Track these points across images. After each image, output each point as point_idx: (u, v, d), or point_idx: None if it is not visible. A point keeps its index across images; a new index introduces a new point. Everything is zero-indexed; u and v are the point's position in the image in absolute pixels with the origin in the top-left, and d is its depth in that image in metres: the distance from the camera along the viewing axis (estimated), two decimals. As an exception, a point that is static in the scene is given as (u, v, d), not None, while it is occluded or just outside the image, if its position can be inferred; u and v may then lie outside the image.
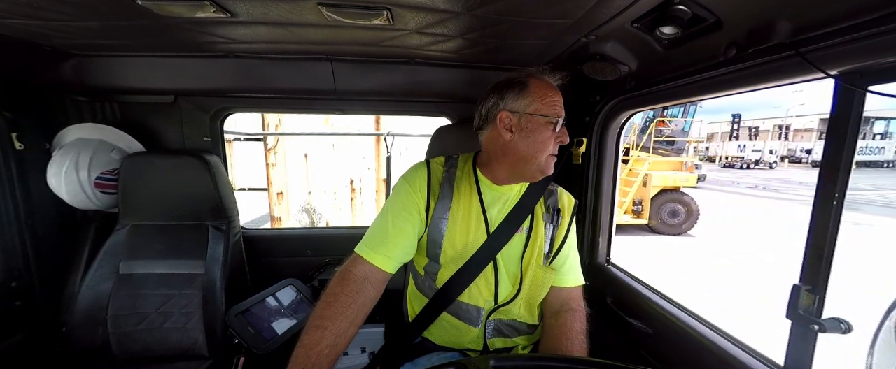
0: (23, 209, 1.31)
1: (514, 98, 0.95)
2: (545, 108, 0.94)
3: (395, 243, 0.97)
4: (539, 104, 0.94)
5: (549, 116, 0.93)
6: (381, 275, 0.95)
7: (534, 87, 0.95)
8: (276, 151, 4.51)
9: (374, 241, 0.97)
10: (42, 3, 0.85)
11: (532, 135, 0.94)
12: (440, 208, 1.00)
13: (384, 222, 0.99)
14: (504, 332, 1.05)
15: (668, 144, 8.74)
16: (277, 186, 4.61)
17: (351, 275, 0.92)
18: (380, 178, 4.70)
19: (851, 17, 0.63)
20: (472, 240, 1.00)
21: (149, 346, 1.30)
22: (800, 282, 0.79)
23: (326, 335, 0.81)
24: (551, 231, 1.05)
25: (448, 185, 1.02)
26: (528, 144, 0.94)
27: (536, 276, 1.02)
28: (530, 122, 0.94)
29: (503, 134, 0.95)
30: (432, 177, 1.03)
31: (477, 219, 1.01)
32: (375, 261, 0.94)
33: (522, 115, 0.94)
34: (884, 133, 30.06)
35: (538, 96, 0.94)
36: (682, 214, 7.17)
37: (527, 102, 0.94)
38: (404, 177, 1.05)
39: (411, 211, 1.00)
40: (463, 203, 1.01)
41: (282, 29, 1.03)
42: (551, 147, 0.95)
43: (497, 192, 1.03)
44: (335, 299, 0.87)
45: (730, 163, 32.13)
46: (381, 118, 4.48)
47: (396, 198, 1.02)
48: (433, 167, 1.05)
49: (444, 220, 1.00)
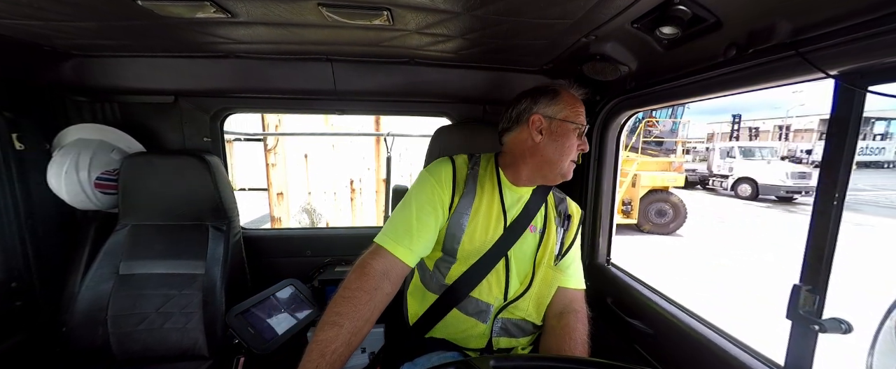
0: (23, 209, 1.31)
1: (547, 103, 1.01)
2: (574, 116, 1.00)
3: (419, 236, 0.95)
4: (569, 111, 1.00)
5: (578, 124, 1.00)
6: (402, 269, 0.93)
7: (565, 95, 1.02)
8: (275, 152, 4.51)
9: (398, 233, 0.94)
10: (43, 3, 0.85)
11: (560, 139, 0.99)
12: (463, 203, 1.02)
13: (408, 214, 0.97)
14: (510, 332, 1.05)
15: (657, 145, 8.77)
16: (277, 187, 4.62)
17: (371, 268, 0.88)
18: (380, 179, 4.70)
19: (851, 17, 0.63)
20: (490, 237, 1.02)
21: (149, 346, 1.30)
22: (800, 283, 0.79)
23: (342, 333, 0.78)
24: (562, 234, 1.10)
25: (472, 182, 1.04)
26: (555, 148, 1.00)
27: (547, 276, 1.06)
28: (560, 128, 1.00)
29: (534, 135, 1.00)
30: (457, 172, 1.04)
31: (497, 218, 1.03)
32: (398, 253, 0.92)
33: (553, 120, 1.00)
34: (884, 133, 30.07)
35: (568, 104, 1.01)
36: (670, 214, 7.27)
37: (558, 109, 1.00)
38: (429, 170, 1.05)
39: (436, 204, 0.99)
40: (485, 200, 1.03)
41: (282, 29, 1.03)
42: (574, 153, 1.01)
43: (516, 193, 1.07)
44: (353, 294, 0.83)
45: None
46: (380, 118, 4.48)
47: (421, 190, 1.01)
48: (458, 163, 1.06)
49: (465, 216, 1.01)
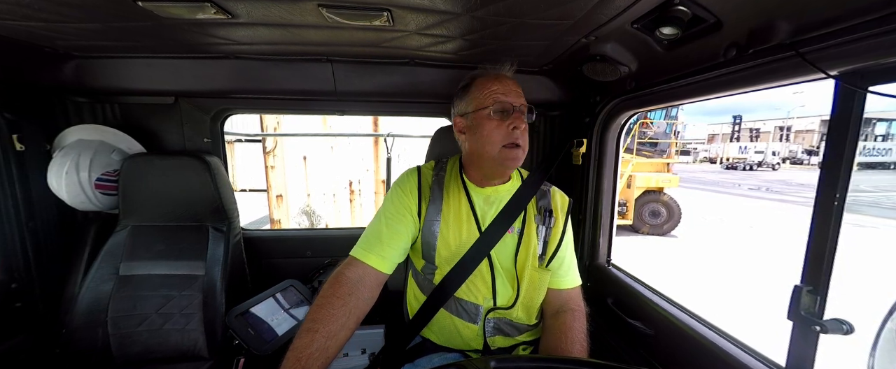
0: (23, 210, 1.31)
1: (460, 101, 1.01)
2: (486, 101, 0.94)
3: (390, 244, 0.99)
4: (479, 99, 0.96)
5: (488, 106, 0.94)
6: (376, 275, 0.96)
7: (475, 85, 0.99)
8: (274, 154, 4.52)
9: (368, 243, 0.99)
10: (43, 5, 0.85)
11: (478, 131, 0.96)
12: (432, 210, 1.02)
13: (378, 225, 1.01)
14: (504, 330, 1.05)
15: (651, 146, 8.79)
16: (277, 189, 4.62)
17: (343, 277, 0.93)
18: (379, 180, 4.70)
19: (851, 18, 0.63)
20: (465, 240, 1.01)
21: (149, 348, 1.30)
22: (801, 283, 0.79)
23: (317, 338, 0.81)
24: (544, 233, 1.05)
25: (438, 188, 1.04)
26: (475, 141, 0.97)
27: (533, 279, 1.03)
28: (475, 119, 0.96)
29: (459, 138, 1.02)
30: (422, 181, 1.06)
31: (468, 219, 1.02)
32: (370, 261, 0.96)
33: (468, 115, 0.98)
34: (884, 134, 30.09)
35: (477, 92, 0.97)
36: (664, 215, 7.29)
37: (468, 101, 0.98)
38: (396, 183, 1.08)
39: (403, 212, 1.02)
40: (453, 205, 1.03)
41: (282, 30, 1.03)
42: (501, 137, 0.93)
43: (483, 193, 1.05)
44: (326, 301, 0.87)
45: (732, 164, 32.20)
46: (378, 119, 4.49)
47: (389, 202, 1.05)
48: (423, 172, 1.09)
49: (436, 223, 1.01)
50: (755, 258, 6.01)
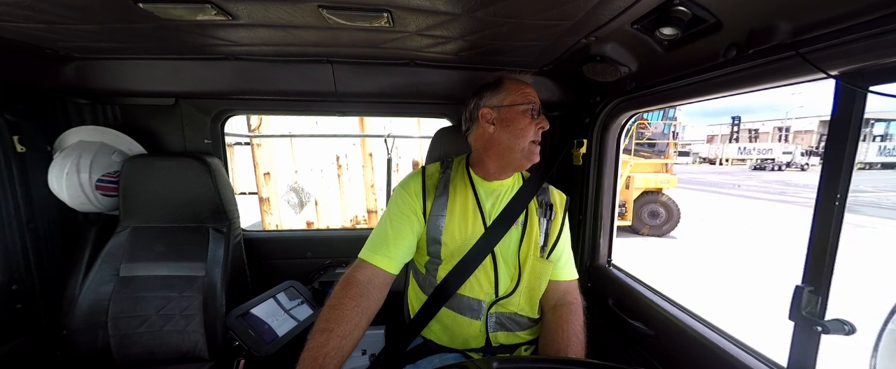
0: (24, 211, 1.31)
1: (491, 95, 1.06)
2: (520, 99, 1.03)
3: (396, 244, 1.02)
4: (514, 96, 1.03)
5: (525, 104, 1.02)
6: (385, 276, 0.99)
7: (507, 82, 1.06)
8: (259, 131, 4.52)
9: (375, 245, 1.02)
10: (44, 6, 0.85)
11: (512, 124, 1.02)
12: (437, 206, 1.05)
13: (384, 227, 1.05)
14: (506, 326, 1.06)
15: (649, 146, 8.79)
16: (264, 167, 4.60)
17: (354, 279, 0.96)
18: (366, 153, 4.68)
19: (851, 18, 0.63)
20: (471, 234, 1.04)
21: (149, 349, 1.30)
22: (802, 283, 0.79)
23: (332, 337, 0.84)
24: (545, 225, 1.10)
25: (443, 186, 1.08)
26: (509, 133, 1.02)
27: (534, 268, 1.06)
28: (509, 113, 1.03)
29: (487, 128, 1.05)
30: (427, 180, 1.09)
31: (474, 214, 1.05)
32: (378, 262, 0.99)
33: (500, 109, 1.04)
34: (885, 134, 30.05)
35: (512, 90, 1.04)
36: (663, 216, 7.29)
37: (502, 96, 1.04)
38: (400, 184, 1.12)
39: (408, 214, 1.05)
40: (459, 200, 1.06)
41: (282, 31, 1.03)
42: (531, 134, 1.02)
43: (490, 188, 1.09)
44: (339, 303, 0.90)
45: (761, 165, 32.32)
46: (364, 119, 4.50)
47: (394, 204, 1.08)
48: (428, 171, 1.12)
49: (441, 218, 1.04)
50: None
